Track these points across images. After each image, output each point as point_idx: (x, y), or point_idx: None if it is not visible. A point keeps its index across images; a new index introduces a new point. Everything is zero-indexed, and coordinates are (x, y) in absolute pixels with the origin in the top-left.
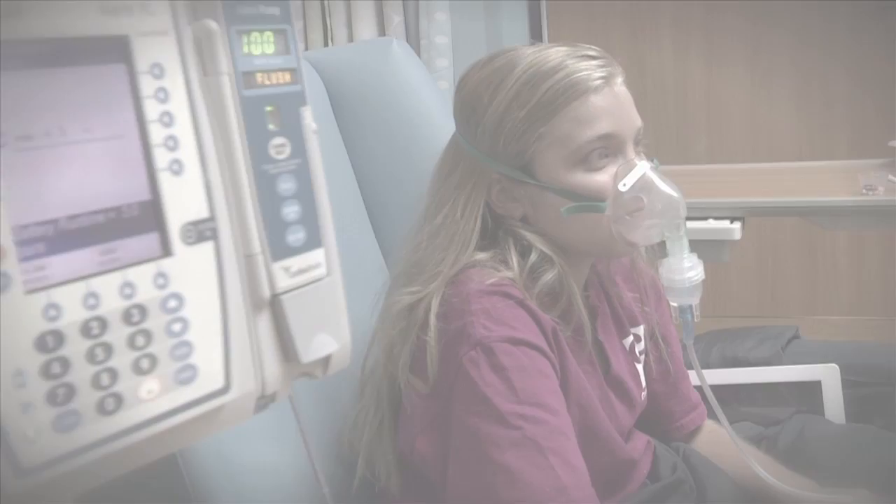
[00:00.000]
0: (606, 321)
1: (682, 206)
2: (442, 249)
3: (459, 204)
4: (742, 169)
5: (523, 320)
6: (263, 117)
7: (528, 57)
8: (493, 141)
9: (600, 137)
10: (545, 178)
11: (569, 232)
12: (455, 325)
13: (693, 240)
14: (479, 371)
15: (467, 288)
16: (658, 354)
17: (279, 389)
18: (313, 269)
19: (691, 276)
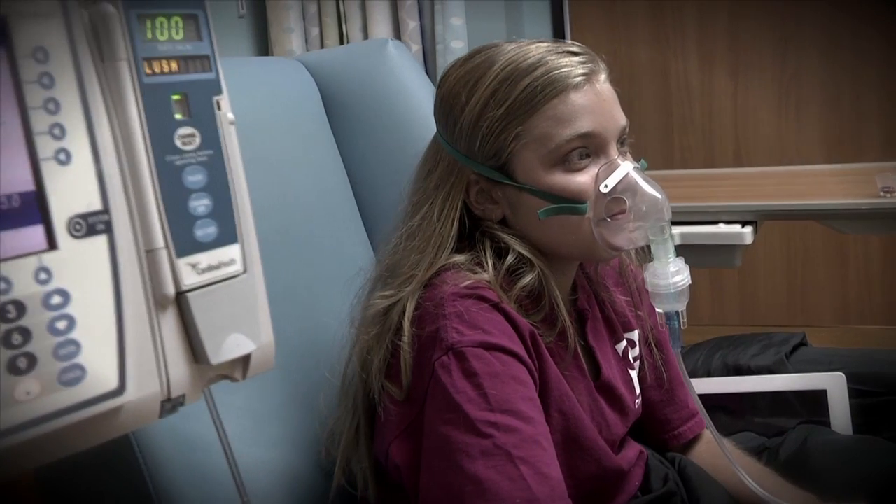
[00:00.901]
0: (597, 325)
1: (667, 208)
2: (418, 252)
3: (437, 205)
4: (759, 172)
5: (498, 324)
6: (168, 106)
7: (507, 53)
8: (470, 140)
9: (580, 136)
10: (523, 179)
11: (548, 234)
12: (429, 329)
13: (703, 245)
14: (451, 377)
15: (442, 291)
16: (653, 361)
17: (189, 392)
18: (226, 265)
19: (677, 282)
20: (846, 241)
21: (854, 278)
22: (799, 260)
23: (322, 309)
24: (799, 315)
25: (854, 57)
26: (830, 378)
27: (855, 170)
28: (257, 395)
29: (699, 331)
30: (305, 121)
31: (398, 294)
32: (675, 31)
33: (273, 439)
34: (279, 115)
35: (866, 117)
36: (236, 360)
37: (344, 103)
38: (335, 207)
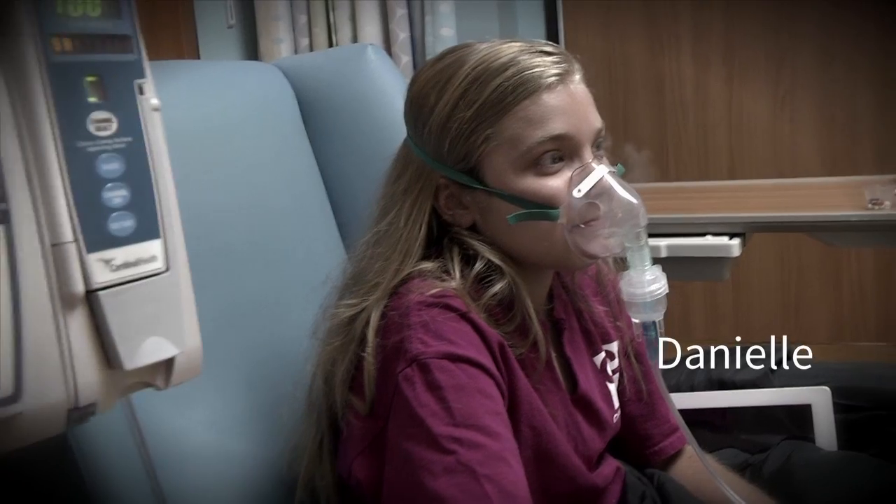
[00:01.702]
0: (574, 336)
1: (643, 214)
2: (384, 258)
3: (405, 210)
4: (752, 185)
5: (465, 334)
6: (81, 88)
7: (479, 53)
8: (439, 142)
9: (553, 139)
10: (493, 183)
11: (520, 241)
12: (393, 340)
13: (691, 257)
14: (414, 390)
15: (407, 300)
16: (633, 373)
17: (102, 400)
18: (146, 262)
19: (654, 290)
20: (840, 258)
21: (848, 295)
22: (793, 276)
23: (291, 320)
24: (793, 332)
25: (848, 71)
26: (815, 393)
27: (848, 183)
28: (221, 409)
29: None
30: (280, 126)
31: (362, 303)
32: (670, 39)
33: (236, 454)
34: (251, 119)
35: (860, 131)
36: (158, 367)
37: (321, 109)
38: (309, 214)
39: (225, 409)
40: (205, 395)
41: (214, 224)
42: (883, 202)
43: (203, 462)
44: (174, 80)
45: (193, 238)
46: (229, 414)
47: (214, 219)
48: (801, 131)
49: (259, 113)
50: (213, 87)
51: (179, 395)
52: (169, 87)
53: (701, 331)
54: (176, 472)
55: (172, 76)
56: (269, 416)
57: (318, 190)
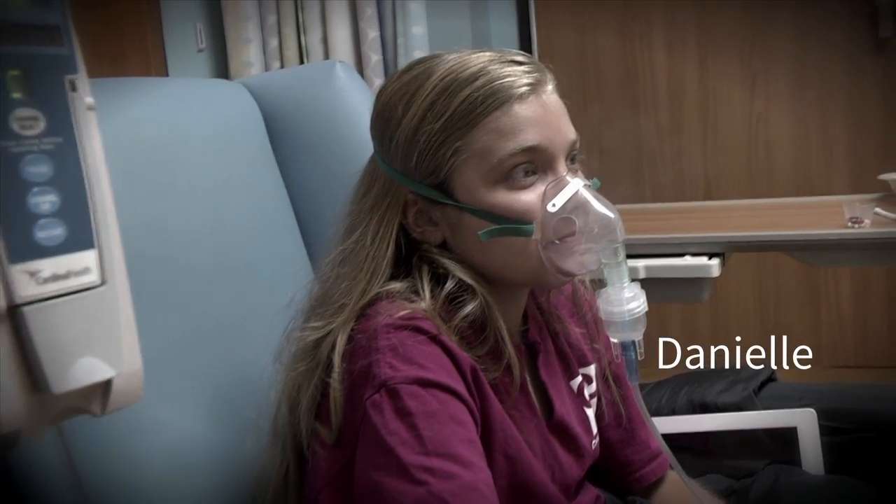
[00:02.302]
0: (550, 360)
1: (620, 229)
2: (350, 278)
3: (371, 227)
4: (729, 206)
5: (436, 358)
6: (3, 82)
7: (447, 64)
8: (406, 156)
9: (525, 151)
10: (464, 198)
11: (492, 259)
12: (360, 364)
13: (670, 278)
14: (383, 417)
15: (375, 322)
16: (611, 397)
17: (26, 427)
18: (77, 275)
19: (632, 308)
20: (818, 282)
21: (826, 318)
22: (771, 301)
23: (256, 344)
24: (771, 356)
25: (820, 94)
26: (801, 415)
27: (824, 202)
28: (181, 438)
29: (672, 371)
30: (246, 144)
31: (328, 325)
32: (643, 41)
33: (196, 486)
34: (216, 138)
35: (834, 154)
36: (93, 391)
37: (288, 128)
38: (275, 235)
39: (185, 439)
40: (163, 422)
41: (177, 245)
42: (863, 220)
43: (163, 496)
44: (138, 96)
45: (155, 259)
46: (189, 444)
47: (177, 239)
48: (776, 155)
49: (224, 131)
50: (176, 105)
51: (136, 421)
52: (132, 104)
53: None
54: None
55: (136, 92)
56: (232, 445)
57: (285, 210)
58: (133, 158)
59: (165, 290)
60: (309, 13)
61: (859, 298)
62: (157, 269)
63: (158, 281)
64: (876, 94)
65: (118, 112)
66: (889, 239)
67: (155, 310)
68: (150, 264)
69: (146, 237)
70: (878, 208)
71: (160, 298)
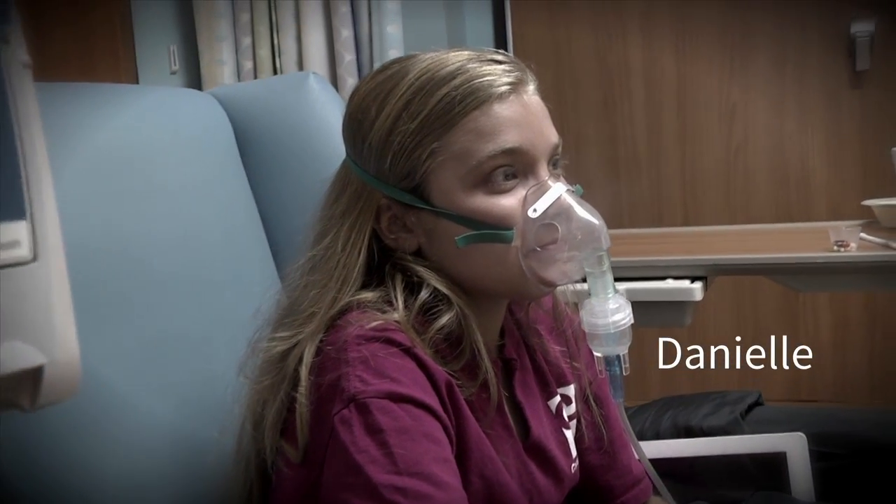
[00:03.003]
0: (527, 378)
1: (605, 236)
2: (319, 286)
3: (342, 234)
4: (710, 231)
5: (409, 372)
6: None
7: (423, 62)
8: (380, 159)
9: (505, 152)
10: (440, 203)
11: (470, 267)
12: (329, 378)
13: (650, 301)
14: (352, 433)
15: (345, 333)
16: (592, 419)
17: None
18: (5, 248)
19: (617, 320)
20: (796, 315)
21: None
22: (749, 334)
23: (221, 357)
24: (749, 387)
25: (799, 125)
26: (790, 439)
27: (806, 228)
28: (139, 456)
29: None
30: (213, 155)
31: (296, 336)
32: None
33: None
34: (182, 147)
35: (813, 184)
36: (21, 381)
37: (259, 140)
38: (243, 246)
39: (145, 456)
40: (122, 441)
41: (140, 254)
42: (849, 244)
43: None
44: (103, 102)
45: (117, 267)
46: (150, 462)
47: (140, 249)
48: (754, 182)
49: (191, 141)
50: (143, 112)
51: (91, 437)
52: (97, 110)
53: (657, 385)
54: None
55: (101, 99)
56: (194, 464)
57: (254, 223)
58: (98, 166)
59: (126, 299)
60: (283, 12)
61: (838, 332)
62: (118, 277)
63: (119, 290)
64: (854, 126)
65: (83, 118)
66: (875, 262)
67: (114, 319)
68: (112, 272)
69: (108, 245)
70: (864, 233)
71: (120, 308)
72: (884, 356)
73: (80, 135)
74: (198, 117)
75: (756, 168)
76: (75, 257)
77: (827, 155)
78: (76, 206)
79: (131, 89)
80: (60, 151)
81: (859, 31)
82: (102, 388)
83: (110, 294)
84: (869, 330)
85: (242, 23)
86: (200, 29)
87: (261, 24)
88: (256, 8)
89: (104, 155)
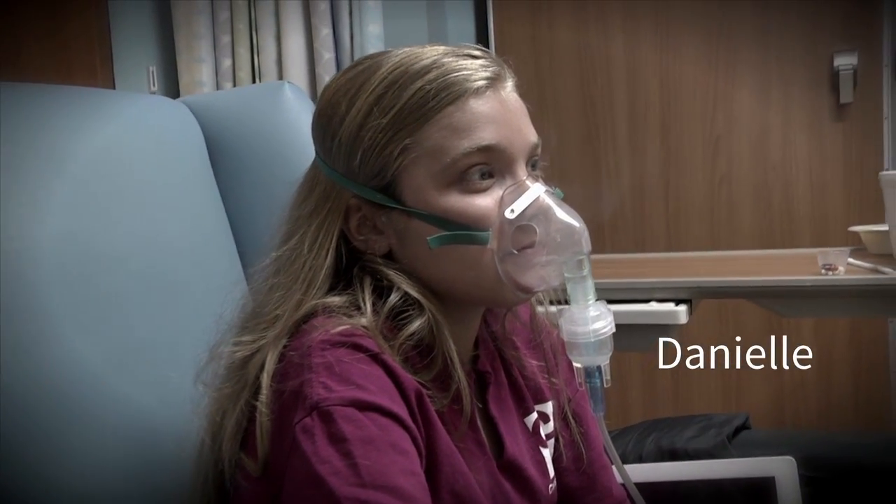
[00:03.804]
0: (502, 393)
1: (586, 239)
2: (284, 289)
3: (309, 234)
4: (693, 257)
5: (376, 379)
6: None
7: (397, 57)
8: (349, 156)
9: (481, 150)
10: (412, 202)
11: (443, 270)
12: (291, 385)
13: (634, 324)
14: (314, 443)
15: (309, 338)
16: (570, 438)
17: None
18: None
19: (598, 329)
20: (779, 339)
21: (788, 382)
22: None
23: (185, 368)
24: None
25: (784, 156)
26: (779, 463)
27: (790, 255)
28: (90, 472)
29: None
30: (183, 164)
31: (258, 341)
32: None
33: None
34: (148, 153)
35: (796, 215)
36: None
37: (232, 149)
38: (212, 257)
39: (96, 471)
40: (78, 451)
41: (101, 261)
42: (837, 267)
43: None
44: (66, 105)
45: (76, 275)
46: (104, 479)
47: (100, 255)
48: (738, 212)
49: (159, 148)
50: (107, 116)
51: (45, 455)
52: (60, 112)
53: (639, 409)
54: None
55: (65, 101)
56: (153, 481)
57: (224, 234)
58: (59, 169)
59: (85, 308)
60: (262, 9)
61: (823, 357)
62: (78, 285)
63: (78, 299)
64: (837, 158)
65: (47, 121)
66: (864, 286)
67: (72, 329)
68: (71, 280)
69: (67, 251)
70: (851, 258)
71: (77, 318)
72: (868, 380)
73: (43, 138)
74: (167, 124)
75: (740, 197)
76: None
77: (811, 187)
78: (35, 211)
79: (96, 92)
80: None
81: (842, 64)
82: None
83: (66, 303)
84: (855, 361)
85: (221, 21)
86: (178, 22)
87: (240, 22)
88: (236, 6)
89: (66, 158)
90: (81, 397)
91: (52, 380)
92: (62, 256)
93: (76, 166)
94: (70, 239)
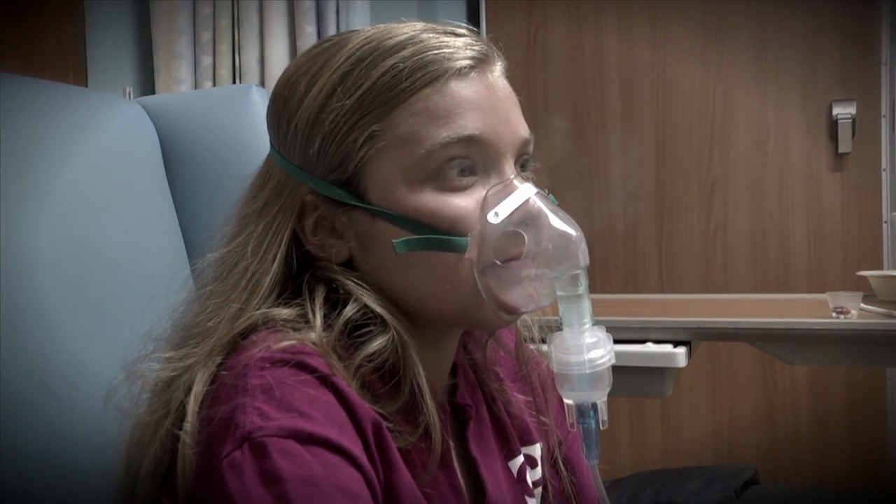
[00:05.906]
0: (484, 432)
1: (583, 251)
2: (220, 296)
3: (255, 234)
4: (688, 299)
5: (324, 405)
6: None
7: (367, 33)
8: (306, 145)
9: (462, 141)
10: (378, 200)
11: (411, 282)
12: (222, 410)
13: (627, 367)
14: (242, 483)
15: (247, 356)
16: (560, 487)
17: None
18: None
19: (595, 358)
20: (774, 395)
21: (783, 436)
22: (726, 414)
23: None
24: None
25: (780, 205)
26: None
27: (788, 300)
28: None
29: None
30: (133, 169)
31: (187, 358)
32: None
33: None
34: (89, 154)
35: (793, 263)
36: None
37: (189, 153)
38: (154, 264)
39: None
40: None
41: (29, 269)
42: (849, 311)
43: None
44: (10, 96)
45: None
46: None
47: (30, 263)
48: (732, 258)
49: (107, 149)
50: (46, 111)
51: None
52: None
53: (627, 454)
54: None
55: (9, 92)
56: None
57: (176, 245)
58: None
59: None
60: (245, 7)
61: (818, 413)
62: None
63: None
64: (836, 208)
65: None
66: (881, 331)
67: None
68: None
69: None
70: (865, 304)
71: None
72: (865, 435)
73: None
74: (116, 124)
75: (735, 245)
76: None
77: (807, 234)
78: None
79: (41, 84)
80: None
81: (841, 113)
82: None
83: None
84: (852, 412)
85: (203, 16)
86: (157, 17)
87: (223, 19)
88: (218, 2)
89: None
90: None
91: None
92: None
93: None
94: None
